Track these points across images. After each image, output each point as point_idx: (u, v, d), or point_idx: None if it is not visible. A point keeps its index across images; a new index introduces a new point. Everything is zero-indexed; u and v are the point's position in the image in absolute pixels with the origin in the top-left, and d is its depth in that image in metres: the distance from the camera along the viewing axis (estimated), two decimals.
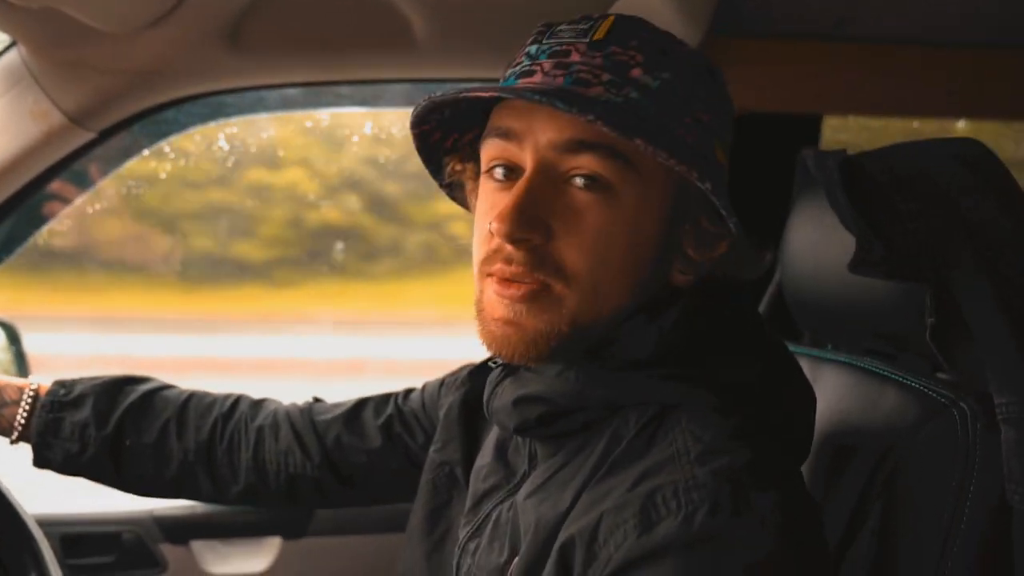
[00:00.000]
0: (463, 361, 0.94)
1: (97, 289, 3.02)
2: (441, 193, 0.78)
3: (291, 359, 3.23)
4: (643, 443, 0.63)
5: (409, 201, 3.28)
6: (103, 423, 0.93)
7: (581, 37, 0.64)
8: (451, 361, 0.97)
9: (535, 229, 0.62)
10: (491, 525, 0.73)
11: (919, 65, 1.28)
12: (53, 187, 1.18)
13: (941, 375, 0.79)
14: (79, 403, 0.94)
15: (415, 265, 3.49)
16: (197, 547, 1.29)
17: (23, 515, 0.93)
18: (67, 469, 0.95)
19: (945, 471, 0.70)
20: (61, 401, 0.94)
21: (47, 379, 0.97)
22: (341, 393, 1.03)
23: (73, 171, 1.18)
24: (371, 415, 0.97)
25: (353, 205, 3.20)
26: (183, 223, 3.03)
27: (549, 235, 0.62)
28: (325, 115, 2.55)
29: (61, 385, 0.95)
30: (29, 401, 0.93)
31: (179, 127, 1.23)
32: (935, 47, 1.26)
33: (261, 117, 1.68)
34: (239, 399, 1.00)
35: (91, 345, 3.02)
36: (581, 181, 0.62)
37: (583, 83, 0.62)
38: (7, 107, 1.08)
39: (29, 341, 1.22)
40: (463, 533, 0.76)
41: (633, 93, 0.62)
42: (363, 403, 0.99)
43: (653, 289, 0.66)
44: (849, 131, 1.54)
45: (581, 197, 0.62)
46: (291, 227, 3.21)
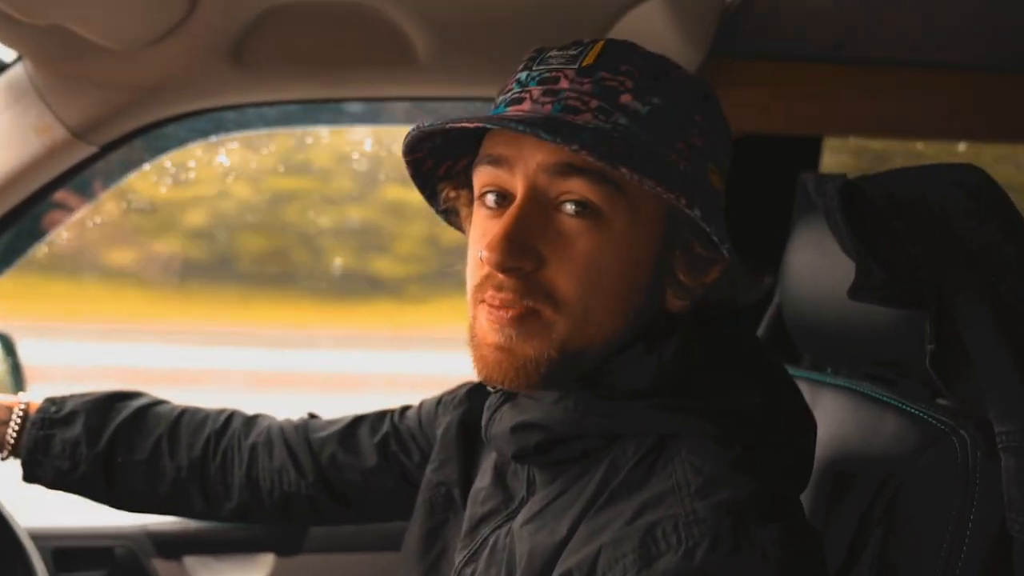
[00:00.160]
0: None
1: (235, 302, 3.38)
2: None
3: (419, 375, 3.25)
4: (642, 474, 0.62)
5: None
6: (94, 440, 0.93)
7: (570, 63, 0.64)
8: None
9: (525, 256, 0.61)
10: (488, 550, 0.72)
11: (919, 87, 1.28)
12: (58, 197, 1.19)
13: (941, 401, 0.78)
14: (70, 420, 0.93)
15: None
16: (190, 563, 1.28)
17: (16, 528, 0.93)
18: (58, 486, 0.94)
19: (945, 499, 0.70)
20: (51, 418, 0.93)
21: (39, 396, 0.96)
22: None
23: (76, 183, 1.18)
24: (367, 433, 0.96)
25: None
26: (320, 239, 3.21)
27: (540, 262, 0.62)
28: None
29: (52, 402, 0.95)
30: (19, 418, 0.92)
31: (179, 142, 1.24)
32: (935, 69, 1.26)
33: (261, 133, 1.68)
34: (232, 415, 1.00)
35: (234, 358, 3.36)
36: (571, 207, 0.62)
37: (572, 110, 0.62)
38: (11, 121, 1.09)
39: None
40: (459, 557, 0.75)
41: (622, 119, 0.62)
42: (359, 421, 0.98)
43: (648, 315, 0.66)
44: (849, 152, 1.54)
45: (571, 223, 0.62)
46: (427, 244, 3.27)
